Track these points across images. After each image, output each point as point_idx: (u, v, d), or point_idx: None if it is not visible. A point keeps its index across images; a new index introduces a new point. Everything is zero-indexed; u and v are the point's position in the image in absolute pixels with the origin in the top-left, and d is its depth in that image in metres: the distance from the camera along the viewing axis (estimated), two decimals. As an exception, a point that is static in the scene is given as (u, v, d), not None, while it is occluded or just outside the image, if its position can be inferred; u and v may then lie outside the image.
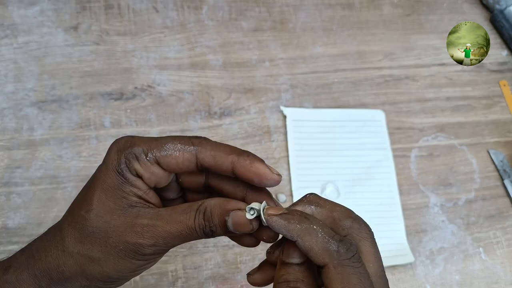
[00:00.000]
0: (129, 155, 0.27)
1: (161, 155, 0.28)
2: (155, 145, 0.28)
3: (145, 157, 0.28)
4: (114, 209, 0.27)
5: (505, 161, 0.63)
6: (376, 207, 0.58)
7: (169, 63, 0.63)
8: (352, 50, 0.68)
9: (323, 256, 0.25)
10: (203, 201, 0.28)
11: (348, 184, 0.58)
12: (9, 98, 0.57)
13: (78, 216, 0.28)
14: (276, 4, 0.70)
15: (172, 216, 0.27)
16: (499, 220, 0.59)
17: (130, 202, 0.28)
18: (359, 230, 0.27)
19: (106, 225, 0.27)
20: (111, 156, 0.28)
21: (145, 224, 0.27)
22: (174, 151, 0.28)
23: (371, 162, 0.60)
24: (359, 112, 0.63)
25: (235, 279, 0.51)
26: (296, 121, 0.61)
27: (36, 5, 0.63)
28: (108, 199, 0.27)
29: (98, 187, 0.28)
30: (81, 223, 0.27)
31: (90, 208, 0.27)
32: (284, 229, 0.26)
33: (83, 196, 0.28)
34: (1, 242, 0.50)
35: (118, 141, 0.29)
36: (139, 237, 0.27)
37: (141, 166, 0.28)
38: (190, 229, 0.27)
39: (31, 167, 0.54)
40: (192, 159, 0.28)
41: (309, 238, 0.25)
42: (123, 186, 0.27)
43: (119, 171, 0.27)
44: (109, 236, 0.27)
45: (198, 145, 0.28)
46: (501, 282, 0.55)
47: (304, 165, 0.58)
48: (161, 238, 0.27)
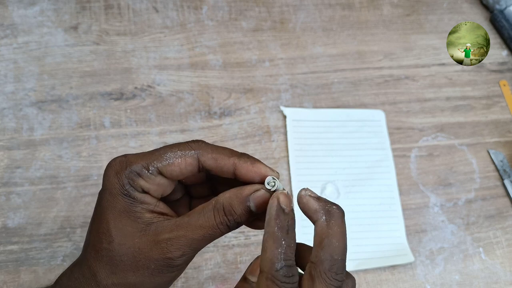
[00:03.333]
0: (131, 174, 0.27)
1: (163, 165, 0.28)
2: (153, 157, 0.28)
3: (147, 172, 0.28)
4: (133, 232, 0.27)
5: (505, 161, 0.63)
6: (376, 207, 0.58)
7: (169, 63, 0.63)
8: (352, 50, 0.68)
9: (266, 263, 0.26)
10: (216, 199, 0.28)
11: (348, 184, 0.58)
12: (9, 98, 0.57)
13: (102, 249, 0.27)
14: (276, 4, 0.70)
15: (191, 223, 0.27)
16: (499, 220, 0.59)
17: (145, 220, 0.27)
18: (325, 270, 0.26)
19: (132, 250, 0.27)
20: (111, 181, 0.28)
21: (168, 238, 0.27)
22: (176, 158, 0.28)
23: (371, 162, 0.60)
24: (359, 112, 0.63)
25: (235, 279, 0.51)
26: (296, 121, 0.61)
27: (36, 5, 0.63)
28: (124, 225, 0.27)
29: (110, 216, 0.27)
30: (107, 255, 0.27)
31: (111, 239, 0.27)
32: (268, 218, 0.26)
33: (98, 228, 0.28)
34: (1, 242, 0.50)
35: (112, 165, 0.28)
36: (166, 252, 0.27)
37: (146, 181, 0.28)
38: (213, 229, 0.27)
39: (31, 167, 0.54)
40: (194, 163, 0.28)
41: (271, 243, 0.26)
42: (133, 206, 0.27)
43: (125, 194, 0.27)
44: (138, 260, 0.27)
45: (198, 148, 0.28)
46: (501, 282, 0.55)
47: (304, 165, 0.58)
48: (186, 246, 0.27)
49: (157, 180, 0.28)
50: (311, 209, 0.27)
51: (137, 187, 0.28)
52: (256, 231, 0.54)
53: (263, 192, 0.28)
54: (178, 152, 0.28)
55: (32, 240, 0.50)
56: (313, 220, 0.27)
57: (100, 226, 0.28)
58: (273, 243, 0.26)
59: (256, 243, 0.53)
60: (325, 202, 0.28)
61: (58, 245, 0.50)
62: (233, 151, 0.29)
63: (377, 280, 0.54)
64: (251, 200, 0.27)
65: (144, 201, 0.28)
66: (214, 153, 0.28)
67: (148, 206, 0.28)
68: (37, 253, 0.49)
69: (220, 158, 0.28)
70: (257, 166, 0.28)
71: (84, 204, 0.52)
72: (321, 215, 0.27)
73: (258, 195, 0.27)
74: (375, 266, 0.54)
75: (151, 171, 0.28)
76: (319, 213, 0.27)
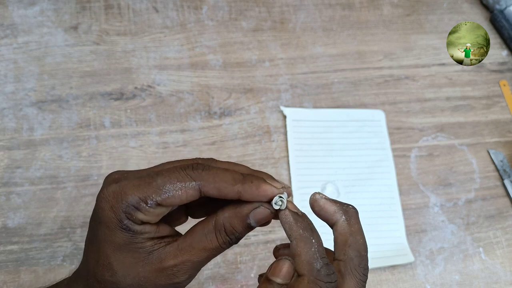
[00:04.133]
0: (128, 208, 0.26)
1: (162, 199, 0.26)
2: (151, 190, 0.26)
3: (145, 205, 0.26)
4: (136, 262, 0.27)
5: (505, 161, 0.63)
6: (376, 207, 0.58)
7: (169, 63, 0.63)
8: (352, 50, 0.68)
9: (304, 266, 0.26)
10: (216, 219, 0.28)
11: (348, 184, 0.58)
12: (9, 98, 0.57)
13: (105, 281, 0.27)
14: (276, 4, 0.70)
15: (194, 246, 0.27)
16: (499, 220, 0.59)
17: (146, 249, 0.27)
18: (355, 267, 0.27)
19: (137, 280, 0.27)
20: (107, 215, 0.26)
21: (173, 265, 0.27)
22: (176, 191, 0.26)
23: (371, 162, 0.60)
24: (359, 112, 0.63)
25: (235, 279, 0.51)
26: (296, 121, 0.61)
27: (36, 5, 0.63)
28: (125, 257, 0.27)
29: (109, 249, 0.27)
30: (111, 287, 0.27)
31: (113, 272, 0.27)
32: (288, 225, 0.27)
33: (98, 259, 0.27)
34: (1, 242, 0.50)
35: (106, 197, 0.27)
36: (172, 278, 0.27)
37: (144, 214, 0.26)
38: (216, 249, 0.28)
39: (31, 167, 0.54)
40: (196, 194, 0.27)
41: (302, 245, 0.26)
42: (133, 238, 0.27)
43: (124, 228, 0.26)
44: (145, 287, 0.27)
45: (198, 179, 0.27)
46: (501, 282, 0.55)
47: (304, 165, 0.58)
48: (191, 269, 0.27)
49: (156, 211, 0.27)
50: (329, 211, 0.28)
51: (136, 220, 0.26)
52: (257, 231, 0.54)
53: (262, 209, 0.27)
54: (177, 184, 0.26)
55: (32, 240, 0.50)
56: (332, 221, 0.28)
57: (99, 258, 0.27)
58: (304, 244, 0.26)
59: (256, 243, 0.53)
60: (340, 204, 0.29)
61: (58, 245, 0.50)
62: (236, 176, 0.27)
63: (377, 280, 0.54)
64: (251, 217, 0.27)
65: (143, 231, 0.27)
66: (216, 182, 0.27)
67: (148, 235, 0.27)
68: (37, 253, 0.49)
69: (223, 188, 0.27)
70: (263, 188, 0.27)
71: (84, 204, 0.52)
72: (340, 215, 0.28)
73: (258, 212, 0.27)
74: (375, 266, 0.54)
75: (150, 205, 0.26)
76: (338, 214, 0.28)
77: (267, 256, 0.52)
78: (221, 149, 0.57)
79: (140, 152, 0.56)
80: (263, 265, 0.52)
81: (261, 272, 0.52)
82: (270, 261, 0.53)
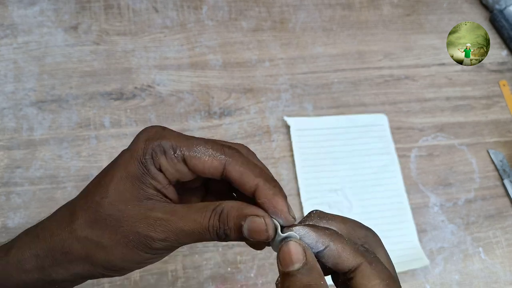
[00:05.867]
0: (157, 148, 0.27)
1: (189, 155, 0.27)
2: (185, 143, 0.27)
3: (173, 153, 0.27)
4: (130, 199, 0.27)
5: (504, 161, 0.63)
6: (386, 212, 0.57)
7: (169, 63, 0.63)
8: (352, 50, 0.68)
9: (355, 256, 0.26)
10: (221, 203, 0.27)
11: (356, 192, 0.58)
12: (9, 98, 0.57)
13: (92, 201, 0.27)
14: (276, 4, 0.70)
15: (187, 214, 0.27)
16: (499, 220, 0.59)
17: (147, 194, 0.27)
18: (374, 238, 0.28)
19: (119, 214, 0.27)
20: (138, 144, 0.27)
21: (158, 218, 0.26)
22: (204, 155, 0.27)
23: (377, 167, 0.60)
24: (362, 118, 0.63)
25: (235, 279, 0.51)
26: (300, 130, 0.60)
27: (36, 5, 0.63)
28: (125, 188, 0.27)
29: (117, 174, 0.27)
30: (94, 208, 0.27)
31: (106, 195, 0.27)
32: (314, 236, 0.26)
33: (100, 181, 0.28)
34: (1, 242, 0.50)
35: (148, 130, 0.28)
36: (150, 229, 0.26)
37: (167, 161, 0.27)
38: (203, 228, 0.26)
39: (31, 167, 0.54)
40: (220, 168, 0.27)
41: (339, 242, 0.26)
42: (143, 177, 0.27)
43: (142, 161, 0.27)
44: (121, 225, 0.26)
45: (229, 156, 0.27)
46: (501, 281, 0.55)
47: (312, 174, 0.58)
48: (172, 233, 0.26)
49: (178, 166, 0.27)
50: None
51: (156, 162, 0.27)
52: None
53: (259, 222, 0.26)
54: (209, 150, 0.27)
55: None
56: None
57: (103, 178, 0.28)
58: (341, 239, 0.26)
59: (256, 243, 0.53)
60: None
61: (58, 245, 0.50)
62: (263, 172, 0.27)
63: (377, 280, 0.54)
64: (246, 221, 0.26)
65: (155, 177, 0.27)
66: (243, 166, 0.27)
67: (157, 184, 0.27)
68: (37, 253, 0.49)
69: (246, 174, 0.27)
70: (276, 199, 0.27)
71: (84, 204, 0.52)
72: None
73: (255, 221, 0.26)
74: None
75: (176, 155, 0.27)
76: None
77: (267, 256, 0.52)
78: (221, 149, 0.57)
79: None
80: (263, 265, 0.52)
81: (261, 272, 0.52)
82: (270, 261, 0.53)
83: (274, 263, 0.52)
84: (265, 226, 0.26)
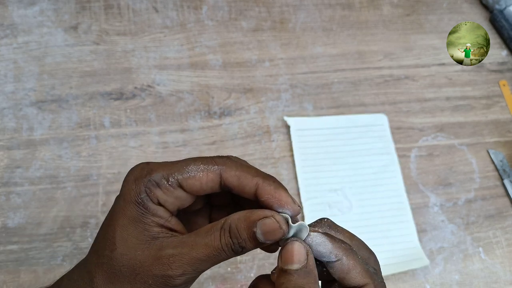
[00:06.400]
0: (149, 183, 0.26)
1: (183, 178, 0.27)
2: (175, 168, 0.27)
3: (166, 183, 0.27)
4: (138, 244, 0.26)
5: (504, 161, 0.63)
6: (385, 212, 0.57)
7: (169, 63, 0.63)
8: (352, 50, 0.68)
9: (365, 275, 0.26)
10: (226, 219, 0.27)
11: (356, 192, 0.58)
12: (9, 98, 0.57)
13: (104, 256, 0.27)
14: (276, 4, 0.70)
15: (196, 241, 0.26)
16: (499, 220, 0.59)
17: (152, 234, 0.27)
18: (375, 263, 0.28)
19: (132, 262, 0.26)
20: (129, 187, 0.27)
21: (170, 255, 0.26)
22: (198, 172, 0.27)
23: (377, 167, 0.60)
24: (362, 118, 0.63)
25: (235, 279, 0.51)
26: (300, 130, 0.60)
27: (36, 5, 0.63)
28: (130, 235, 0.27)
29: (118, 222, 0.27)
30: (107, 263, 0.26)
31: (114, 247, 0.26)
32: (324, 246, 0.26)
33: (105, 234, 0.27)
34: (1, 242, 0.50)
35: (133, 170, 0.28)
36: (166, 268, 0.26)
37: (163, 192, 0.27)
38: (217, 250, 0.26)
39: (30, 167, 0.54)
40: (216, 179, 0.27)
41: (352, 258, 0.26)
42: (143, 217, 0.27)
43: (139, 202, 0.26)
44: (137, 273, 0.26)
45: (222, 164, 0.27)
46: (501, 281, 0.55)
47: (311, 174, 0.58)
48: (189, 265, 0.26)
49: (176, 193, 0.27)
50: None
51: (153, 197, 0.27)
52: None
53: (271, 222, 0.26)
54: (201, 165, 0.27)
55: (32, 240, 0.50)
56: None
57: (107, 231, 0.27)
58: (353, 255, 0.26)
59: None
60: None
61: (58, 245, 0.50)
62: (259, 171, 0.28)
63: (377, 280, 0.54)
64: (258, 226, 0.25)
65: (156, 213, 0.27)
66: (238, 171, 0.27)
67: (159, 219, 0.27)
68: (37, 253, 0.49)
69: (243, 177, 0.27)
70: (279, 193, 0.27)
71: (84, 204, 0.52)
72: None
73: (266, 223, 0.26)
74: (390, 272, 0.53)
75: (171, 183, 0.27)
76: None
77: (267, 256, 0.52)
78: (221, 149, 0.57)
79: (140, 152, 0.56)
80: (263, 265, 0.52)
81: (261, 272, 0.52)
82: (271, 261, 0.53)
83: (274, 263, 0.52)
84: (277, 223, 0.26)
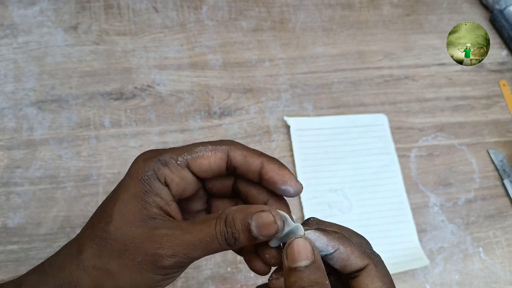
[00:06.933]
0: (158, 162, 0.27)
1: (192, 157, 0.28)
2: (184, 150, 0.28)
3: (175, 162, 0.28)
4: (134, 220, 0.26)
5: (504, 161, 0.63)
6: (386, 212, 0.57)
7: (169, 63, 0.63)
8: (352, 50, 0.68)
9: (364, 257, 0.26)
10: (224, 210, 0.27)
11: (356, 192, 0.58)
12: (9, 98, 0.57)
13: (98, 229, 0.27)
14: (276, 4, 0.70)
15: (192, 226, 0.26)
16: (499, 220, 0.59)
17: (150, 213, 0.27)
18: (367, 246, 0.29)
19: (125, 237, 0.26)
20: (137, 166, 0.28)
21: (164, 234, 0.26)
22: (206, 151, 0.28)
23: (377, 167, 0.60)
24: (362, 118, 0.63)
25: (235, 279, 0.51)
26: (300, 130, 0.60)
27: (36, 5, 0.63)
28: (128, 211, 0.27)
29: (120, 197, 0.27)
30: (100, 236, 0.26)
31: (110, 220, 0.27)
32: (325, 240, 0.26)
33: (104, 207, 0.28)
34: (1, 242, 0.50)
35: (143, 153, 0.29)
36: (158, 247, 0.25)
37: (171, 170, 0.27)
38: (211, 236, 0.26)
39: (30, 167, 0.54)
40: (224, 158, 0.28)
41: (348, 245, 0.26)
42: (146, 195, 0.27)
43: (144, 179, 0.27)
44: (127, 248, 0.26)
45: (229, 144, 0.29)
46: (501, 281, 0.55)
47: (311, 174, 0.58)
48: (180, 247, 0.26)
49: (183, 173, 0.28)
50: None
51: (161, 176, 0.27)
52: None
53: (266, 216, 0.26)
54: (209, 146, 0.28)
55: (32, 240, 0.50)
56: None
57: (107, 205, 0.28)
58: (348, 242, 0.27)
59: (256, 243, 0.53)
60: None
61: (58, 245, 0.50)
62: (263, 153, 0.29)
63: (377, 280, 0.54)
64: (253, 218, 0.26)
65: (159, 193, 0.27)
66: (245, 150, 0.29)
67: (160, 201, 0.27)
68: (37, 253, 0.49)
69: (249, 155, 0.28)
70: (283, 171, 0.28)
71: (84, 204, 0.52)
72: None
73: (262, 216, 0.26)
74: (391, 272, 0.53)
75: (179, 162, 0.28)
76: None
77: (267, 256, 0.52)
78: (221, 149, 0.57)
79: (140, 152, 0.56)
80: (263, 265, 0.52)
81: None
82: (270, 261, 0.53)
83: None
84: (272, 217, 0.26)
